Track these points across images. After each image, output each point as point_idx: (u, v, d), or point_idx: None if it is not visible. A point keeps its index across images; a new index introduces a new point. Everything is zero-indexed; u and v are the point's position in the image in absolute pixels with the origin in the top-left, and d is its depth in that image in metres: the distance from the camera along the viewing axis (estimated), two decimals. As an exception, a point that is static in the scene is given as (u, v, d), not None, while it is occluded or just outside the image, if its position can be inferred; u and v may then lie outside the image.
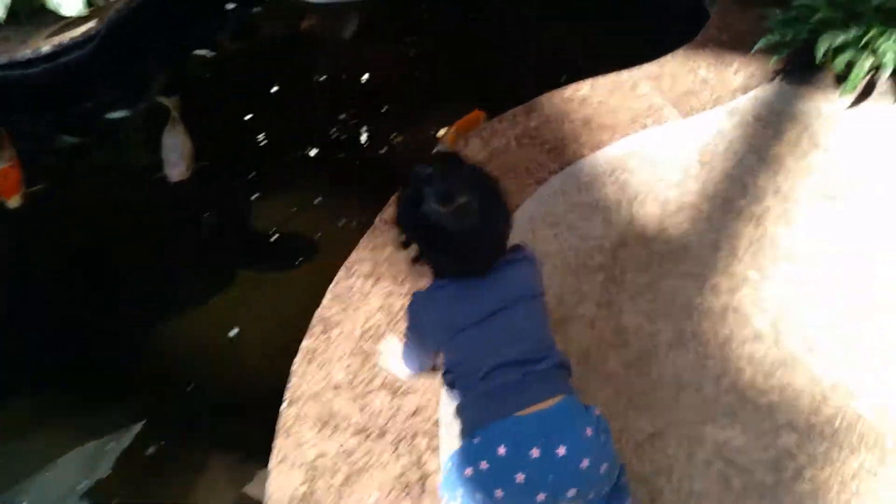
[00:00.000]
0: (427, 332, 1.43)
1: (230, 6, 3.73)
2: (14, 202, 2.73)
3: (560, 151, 2.60)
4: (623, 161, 2.52)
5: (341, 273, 2.22)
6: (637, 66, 2.94)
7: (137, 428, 2.12)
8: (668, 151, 2.53)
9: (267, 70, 3.39)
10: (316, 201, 2.79)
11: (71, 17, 3.23)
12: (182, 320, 2.42)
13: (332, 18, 3.68)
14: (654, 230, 2.27)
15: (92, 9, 3.32)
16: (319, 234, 2.66)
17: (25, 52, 3.17)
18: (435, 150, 2.87)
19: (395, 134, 3.07)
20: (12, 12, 3.14)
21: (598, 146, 2.60)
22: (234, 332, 2.35)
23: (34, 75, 3.27)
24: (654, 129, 2.64)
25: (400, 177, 1.43)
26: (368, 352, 1.99)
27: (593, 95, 2.83)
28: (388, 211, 2.43)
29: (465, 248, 1.32)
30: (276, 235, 2.69)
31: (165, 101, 3.13)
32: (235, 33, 3.73)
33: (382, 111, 3.17)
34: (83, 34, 3.27)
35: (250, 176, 2.90)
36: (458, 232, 1.29)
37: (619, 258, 2.20)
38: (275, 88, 3.31)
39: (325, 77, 3.37)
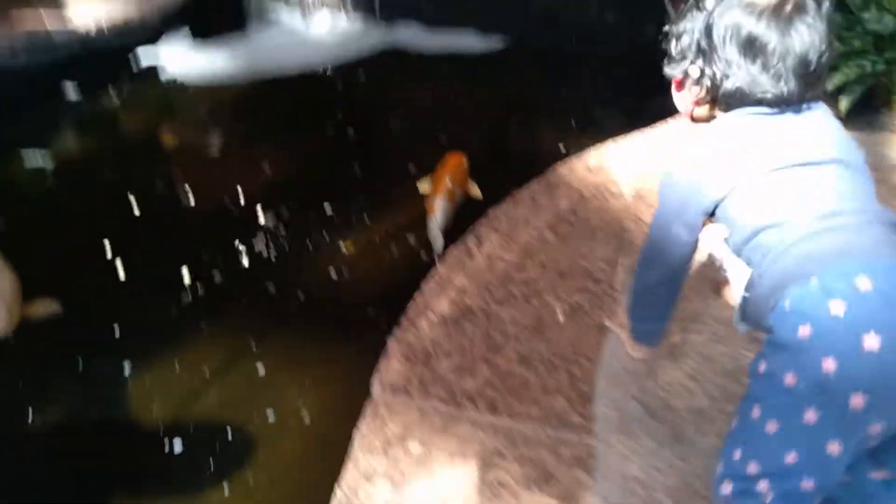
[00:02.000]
0: (707, 178, 1.04)
1: (72, 94, 2.61)
2: None
3: (621, 238, 1.73)
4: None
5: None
6: (661, 122, 2.21)
7: None
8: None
9: (126, 176, 2.27)
10: (240, 364, 1.65)
11: None
12: None
13: (211, 100, 2.68)
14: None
15: None
16: (260, 414, 1.52)
17: None
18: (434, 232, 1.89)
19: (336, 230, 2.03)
20: None
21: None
22: None
23: None
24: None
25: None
26: None
27: (629, 160, 2.03)
28: (391, 369, 1.37)
29: (785, 62, 0.99)
30: (180, 428, 1.50)
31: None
32: (82, 128, 2.59)
33: (317, 208, 2.13)
34: None
35: (116, 333, 1.72)
36: (781, 40, 0.98)
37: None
38: (141, 201, 2.18)
39: (212, 178, 2.30)
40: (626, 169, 1.98)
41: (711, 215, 1.09)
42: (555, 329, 1.48)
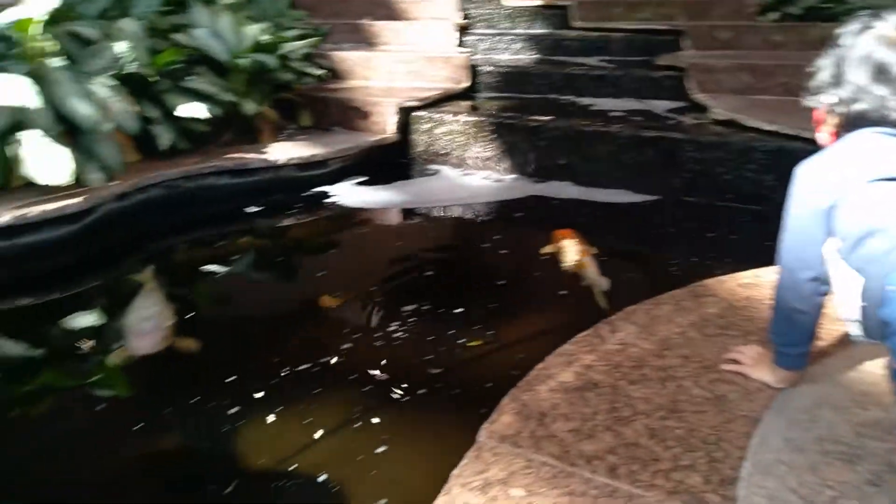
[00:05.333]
0: (821, 185, 1.12)
1: (252, 209, 3.01)
2: None
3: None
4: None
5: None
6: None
7: None
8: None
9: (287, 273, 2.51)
10: (352, 424, 1.60)
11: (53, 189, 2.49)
12: None
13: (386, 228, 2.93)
14: None
15: (83, 187, 2.59)
16: (363, 471, 1.43)
17: (-29, 222, 2.33)
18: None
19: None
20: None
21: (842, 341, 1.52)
22: None
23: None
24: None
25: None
26: None
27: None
28: (501, 421, 1.26)
29: None
30: (282, 477, 1.45)
31: (139, 275, 2.19)
32: (261, 238, 2.94)
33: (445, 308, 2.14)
34: (59, 210, 2.47)
35: (257, 389, 1.76)
36: None
37: None
38: (298, 290, 2.37)
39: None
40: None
41: None
42: (694, 413, 1.29)
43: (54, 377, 1.94)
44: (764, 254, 2.43)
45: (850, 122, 1.13)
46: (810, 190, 1.15)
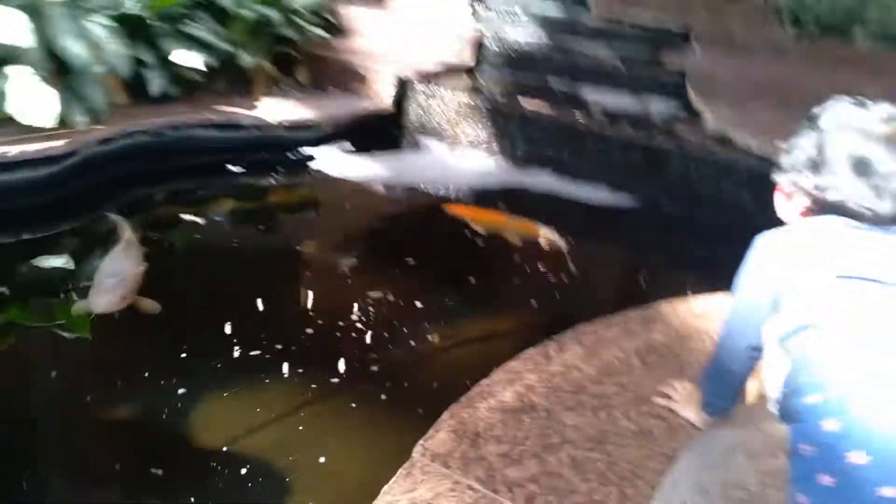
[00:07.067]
0: (775, 266, 1.12)
1: (235, 167, 3.02)
2: None
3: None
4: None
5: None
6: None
7: None
8: None
9: (255, 239, 2.54)
10: (302, 412, 1.68)
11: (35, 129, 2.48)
12: None
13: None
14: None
15: (67, 129, 2.58)
16: (306, 463, 1.51)
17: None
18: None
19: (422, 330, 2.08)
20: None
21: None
22: None
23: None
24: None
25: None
26: None
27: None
28: (437, 438, 1.33)
29: (890, 183, 1.05)
30: (229, 458, 1.53)
31: (119, 219, 2.22)
32: (239, 196, 2.96)
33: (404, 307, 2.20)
34: (39, 152, 2.47)
35: (208, 366, 1.82)
36: (892, 163, 1.05)
37: None
38: (267, 257, 2.41)
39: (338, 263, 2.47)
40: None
41: None
42: (617, 447, 1.37)
43: (19, 314, 1.99)
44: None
45: (823, 208, 1.09)
46: (765, 266, 1.13)
